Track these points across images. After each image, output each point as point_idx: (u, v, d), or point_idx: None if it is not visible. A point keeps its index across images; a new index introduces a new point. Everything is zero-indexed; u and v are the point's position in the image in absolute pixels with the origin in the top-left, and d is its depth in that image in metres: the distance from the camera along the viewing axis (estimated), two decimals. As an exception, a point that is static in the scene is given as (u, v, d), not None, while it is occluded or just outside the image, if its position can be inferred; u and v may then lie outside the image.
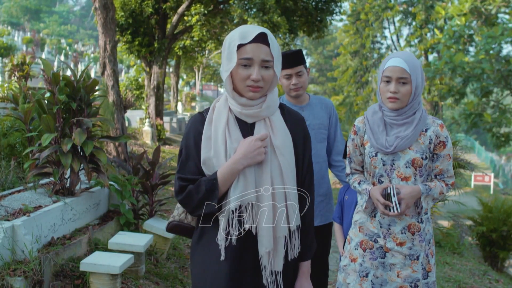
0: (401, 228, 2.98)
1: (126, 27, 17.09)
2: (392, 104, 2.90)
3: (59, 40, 63.67)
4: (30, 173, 4.86)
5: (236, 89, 2.21)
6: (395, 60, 2.89)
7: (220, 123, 2.19)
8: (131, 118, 18.85)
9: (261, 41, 2.16)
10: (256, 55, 2.14)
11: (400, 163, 2.94)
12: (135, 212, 5.72)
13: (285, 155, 2.21)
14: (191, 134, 2.26)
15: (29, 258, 3.92)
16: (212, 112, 2.25)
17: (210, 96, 58.10)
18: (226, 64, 2.17)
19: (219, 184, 2.15)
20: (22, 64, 11.93)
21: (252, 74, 2.14)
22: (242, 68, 2.14)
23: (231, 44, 2.16)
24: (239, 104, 2.20)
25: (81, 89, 5.09)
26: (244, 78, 2.15)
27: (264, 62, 2.15)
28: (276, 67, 2.19)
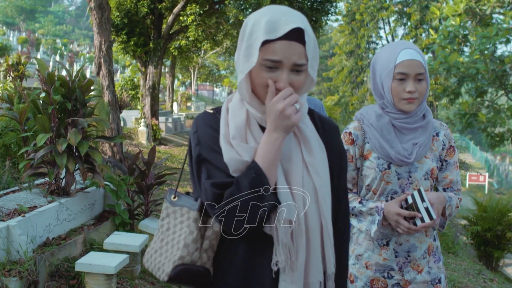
0: (422, 253, 2.49)
1: (121, 27, 17.07)
2: (410, 105, 2.42)
3: (54, 40, 63.55)
4: (25, 173, 4.86)
5: (256, 93, 1.69)
6: (409, 53, 2.41)
7: (238, 124, 1.68)
8: (127, 118, 18.82)
9: (295, 38, 1.60)
10: (287, 57, 1.59)
11: (418, 175, 2.48)
12: (130, 212, 5.72)
13: (321, 174, 1.70)
14: (207, 136, 1.72)
15: (24, 258, 3.92)
16: (226, 114, 1.73)
17: (205, 96, 58.07)
18: (244, 62, 1.63)
19: (262, 168, 1.60)
20: (17, 64, 11.92)
21: (278, 80, 1.61)
22: (266, 70, 1.62)
23: (253, 37, 1.61)
24: (259, 111, 1.70)
25: (76, 89, 5.09)
26: (267, 83, 1.63)
27: (296, 66, 1.61)
28: (311, 69, 1.66)
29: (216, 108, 1.82)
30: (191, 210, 1.73)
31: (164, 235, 1.78)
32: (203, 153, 1.69)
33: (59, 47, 56.39)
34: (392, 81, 2.42)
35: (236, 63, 1.71)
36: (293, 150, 1.70)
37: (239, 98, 1.75)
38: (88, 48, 64.61)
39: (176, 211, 1.79)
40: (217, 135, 1.69)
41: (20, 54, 17.73)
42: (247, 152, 1.63)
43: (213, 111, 1.81)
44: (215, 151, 1.67)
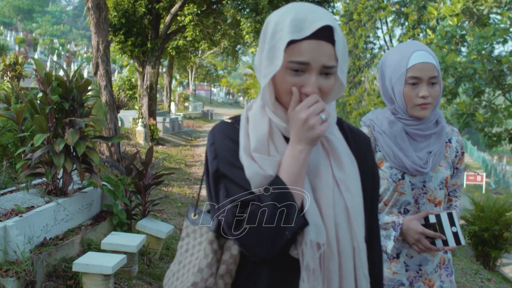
0: (434, 266, 2.36)
1: (119, 27, 17.07)
2: (424, 111, 2.27)
3: (52, 40, 63.53)
4: (22, 174, 4.86)
5: (280, 100, 1.50)
6: (422, 55, 2.26)
7: (260, 135, 1.50)
8: (124, 118, 18.81)
9: (324, 37, 1.42)
10: (316, 59, 1.42)
11: (433, 184, 2.34)
12: (128, 212, 5.72)
13: (353, 192, 1.51)
14: (225, 149, 1.54)
15: (22, 258, 3.92)
16: (247, 123, 1.55)
17: (203, 96, 58.11)
18: (267, 66, 1.45)
19: (287, 184, 1.43)
20: (15, 64, 11.90)
21: (305, 84, 1.43)
22: (291, 74, 1.43)
23: (276, 37, 1.44)
24: (284, 120, 1.51)
25: (74, 89, 5.08)
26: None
27: (325, 68, 1.43)
28: (341, 72, 1.48)
29: (234, 117, 1.64)
30: (210, 230, 1.57)
31: (182, 257, 1.63)
32: (221, 168, 1.51)
33: (56, 47, 56.36)
34: (404, 85, 2.27)
35: (257, 68, 1.54)
36: (321, 164, 1.51)
37: (260, 105, 1.56)
38: (85, 48, 64.59)
39: (196, 231, 1.63)
40: (237, 147, 1.51)
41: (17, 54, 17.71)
42: (270, 166, 1.46)
43: (231, 121, 1.61)
44: (234, 166, 1.50)
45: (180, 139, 20.43)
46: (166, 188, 10.21)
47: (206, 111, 37.02)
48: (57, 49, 53.64)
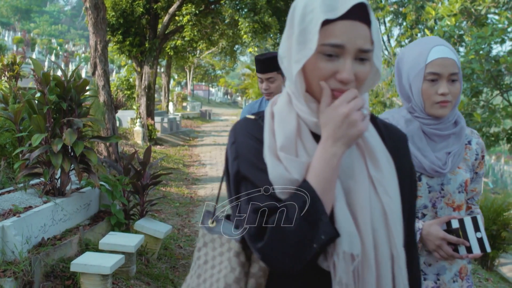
0: (452, 275, 2.22)
1: (117, 27, 17.05)
2: (443, 110, 2.14)
3: (50, 40, 63.50)
4: (20, 174, 4.85)
5: (311, 91, 1.35)
6: (442, 50, 2.13)
7: (287, 132, 1.35)
8: (122, 118, 18.79)
9: (358, 17, 1.29)
10: (351, 41, 1.28)
11: (451, 187, 2.20)
12: (126, 212, 5.72)
13: (391, 194, 1.37)
14: (247, 148, 1.39)
15: (19, 259, 3.91)
16: (272, 120, 1.40)
17: (201, 96, 58.10)
18: (298, 50, 1.31)
19: (316, 190, 1.27)
20: (13, 64, 11.88)
21: (340, 70, 1.29)
22: (324, 60, 1.29)
23: (307, 19, 1.30)
24: (315, 114, 1.36)
25: (72, 89, 5.08)
26: (326, 75, 1.30)
27: (360, 52, 1.29)
28: (376, 58, 1.34)
29: (258, 113, 1.50)
30: (233, 240, 1.41)
31: (201, 269, 1.47)
32: (242, 169, 1.36)
33: (54, 47, 56.34)
34: (423, 82, 2.14)
35: (284, 56, 1.39)
36: (356, 163, 1.36)
37: (286, 100, 1.42)
38: (83, 48, 64.60)
39: (214, 240, 1.47)
40: (260, 146, 1.36)
41: (15, 54, 17.69)
42: (297, 168, 1.30)
43: (254, 117, 1.48)
44: (257, 168, 1.35)
45: (178, 139, 20.42)
46: (164, 188, 10.21)
47: (204, 111, 37.00)
48: (55, 49, 53.61)
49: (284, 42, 1.39)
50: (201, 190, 10.71)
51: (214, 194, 10.22)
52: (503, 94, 11.09)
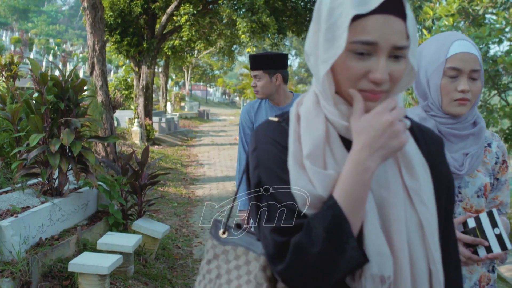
0: (472, 285, 2.08)
1: (115, 27, 17.04)
2: (462, 108, 1.99)
3: (48, 40, 63.46)
4: (18, 174, 4.84)
5: (340, 92, 1.22)
6: (464, 45, 1.98)
7: (315, 138, 1.21)
8: (120, 118, 18.78)
9: (392, 10, 1.15)
10: (385, 37, 1.14)
11: (469, 191, 2.07)
12: (123, 212, 5.71)
13: (427, 204, 1.23)
14: (269, 156, 1.26)
15: (17, 259, 3.91)
16: (297, 123, 1.26)
17: (199, 96, 58.12)
18: (326, 49, 1.18)
19: (343, 210, 1.13)
20: (10, 64, 11.85)
21: (373, 70, 1.16)
22: (355, 58, 1.16)
23: (335, 14, 1.17)
24: (345, 118, 1.22)
25: (70, 89, 5.08)
26: (357, 76, 1.17)
27: (395, 49, 1.16)
28: (412, 55, 1.21)
29: (282, 115, 1.35)
30: (250, 251, 1.30)
31: (214, 284, 1.34)
32: (264, 180, 1.23)
33: (52, 47, 56.29)
34: (442, 77, 2.00)
35: (311, 54, 1.26)
36: (389, 171, 1.23)
37: (313, 101, 1.27)
38: (81, 48, 64.54)
39: (227, 252, 1.35)
40: (284, 154, 1.23)
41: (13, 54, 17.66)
42: (323, 182, 1.16)
43: (278, 119, 1.33)
44: (280, 179, 1.21)
45: (176, 139, 20.41)
46: (162, 188, 10.20)
47: (202, 111, 36.98)
48: (53, 49, 53.57)
49: (310, 38, 1.26)
50: (199, 190, 10.71)
51: (212, 194, 10.22)
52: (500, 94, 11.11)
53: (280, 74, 3.67)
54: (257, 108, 3.83)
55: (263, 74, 3.67)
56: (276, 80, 3.66)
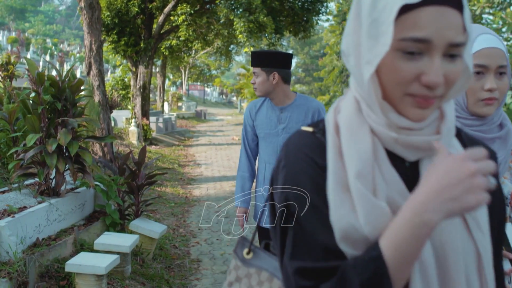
0: None
1: (112, 27, 17.03)
2: (489, 108, 1.82)
3: (45, 40, 63.40)
4: (14, 174, 4.84)
5: (387, 97, 1.03)
6: (489, 39, 1.80)
7: (361, 154, 1.01)
8: (117, 118, 18.76)
9: (447, 0, 0.97)
10: (440, 33, 0.96)
11: None
12: (121, 212, 5.71)
13: (483, 228, 1.06)
14: (301, 176, 1.05)
15: (14, 259, 3.90)
16: (336, 135, 1.05)
17: (196, 96, 58.12)
18: (370, 47, 1.00)
19: (388, 266, 0.93)
20: (7, 64, 11.83)
21: (426, 71, 0.97)
22: (404, 59, 0.98)
23: (379, 6, 0.98)
24: (393, 128, 1.03)
25: (67, 89, 5.07)
26: (408, 79, 0.98)
27: (451, 47, 0.97)
28: (467, 54, 1.03)
29: (316, 124, 1.14)
30: (275, 277, 1.18)
31: None
32: (292, 205, 1.03)
33: (49, 46, 56.25)
34: None
35: (348, 54, 1.08)
36: None
37: (354, 108, 1.07)
38: (78, 48, 64.51)
39: (251, 276, 1.23)
40: (320, 174, 1.03)
41: (9, 53, 17.64)
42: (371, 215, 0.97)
43: (312, 129, 1.12)
44: (313, 205, 1.01)
45: (174, 139, 20.40)
46: (159, 188, 10.20)
47: (199, 111, 36.98)
48: (50, 48, 53.54)
49: (349, 36, 1.08)
50: (196, 190, 10.70)
51: (209, 194, 10.22)
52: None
53: (277, 73, 3.64)
54: (259, 106, 3.81)
55: (261, 72, 3.66)
56: (274, 78, 3.64)
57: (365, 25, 1.01)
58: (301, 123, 3.64)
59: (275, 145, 3.64)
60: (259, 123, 3.72)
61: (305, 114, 3.66)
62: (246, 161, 3.85)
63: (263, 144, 3.72)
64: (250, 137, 3.83)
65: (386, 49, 0.96)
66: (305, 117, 3.65)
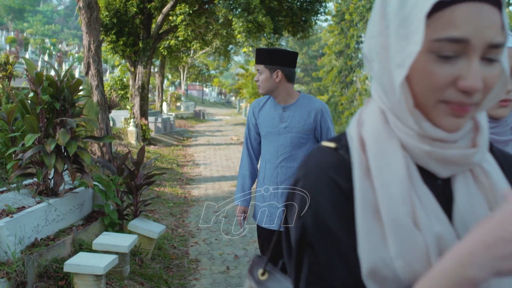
0: None
1: (110, 27, 17.02)
2: (503, 110, 1.76)
3: (43, 40, 63.37)
4: (13, 174, 4.83)
5: (417, 105, 0.92)
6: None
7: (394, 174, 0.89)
8: (116, 118, 18.75)
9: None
10: (478, 32, 0.86)
11: None
12: (119, 212, 5.70)
13: None
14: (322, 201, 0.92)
15: (12, 259, 3.90)
16: (362, 152, 0.93)
17: (195, 96, 58.11)
18: (400, 48, 0.90)
19: None
20: (5, 64, 11.84)
21: (463, 76, 0.87)
22: (440, 62, 0.87)
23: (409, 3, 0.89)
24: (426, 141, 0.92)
25: (65, 89, 5.07)
26: (442, 84, 0.88)
27: (490, 49, 0.87)
28: (503, 56, 0.92)
29: (338, 139, 1.02)
30: None
31: None
32: (310, 234, 0.91)
33: (47, 46, 56.22)
34: None
35: (371, 59, 0.98)
36: (478, 211, 0.93)
37: (380, 120, 0.96)
38: (77, 48, 64.48)
39: None
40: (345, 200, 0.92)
41: (8, 53, 17.63)
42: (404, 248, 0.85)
43: (335, 145, 1.00)
44: (333, 235, 0.90)
45: (172, 139, 20.39)
46: (158, 188, 10.19)
47: (198, 111, 36.97)
48: (48, 48, 53.50)
49: (373, 39, 0.97)
50: (195, 190, 10.70)
51: (208, 194, 10.21)
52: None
53: (280, 71, 3.62)
54: (262, 105, 3.79)
55: (264, 69, 3.64)
56: (277, 76, 3.62)
57: (393, 25, 0.91)
58: (303, 123, 3.62)
59: (276, 144, 3.62)
60: (262, 121, 3.70)
61: (307, 114, 3.63)
62: (247, 159, 3.84)
63: (264, 142, 3.71)
64: (253, 136, 3.81)
65: (417, 49, 0.86)
66: (308, 117, 3.62)
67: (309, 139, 3.67)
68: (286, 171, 3.58)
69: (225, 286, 5.32)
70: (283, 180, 3.59)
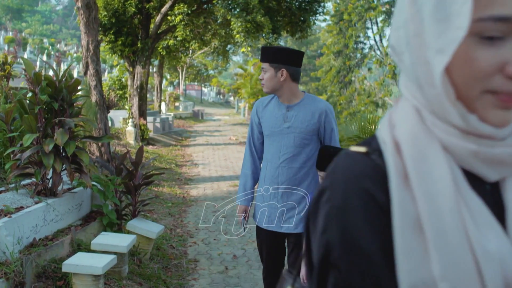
0: None
1: (109, 27, 17.01)
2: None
3: (42, 40, 63.30)
4: (11, 174, 4.83)
5: (460, 97, 0.80)
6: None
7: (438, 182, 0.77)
8: (114, 118, 18.75)
9: None
10: None
11: None
12: (118, 212, 5.70)
13: None
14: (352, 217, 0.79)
15: (11, 259, 3.89)
16: (399, 157, 0.81)
17: (193, 96, 58.09)
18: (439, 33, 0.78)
19: None
20: (4, 63, 11.82)
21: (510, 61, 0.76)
22: (484, 45, 0.76)
23: None
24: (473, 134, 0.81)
25: (63, 89, 5.06)
26: (488, 70, 0.77)
27: None
28: None
29: (368, 143, 0.89)
30: None
31: None
32: (335, 254, 0.80)
33: (46, 46, 56.17)
34: None
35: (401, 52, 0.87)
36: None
37: (415, 120, 0.84)
38: (75, 48, 64.42)
39: None
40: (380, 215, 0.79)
41: (6, 53, 17.61)
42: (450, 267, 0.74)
43: (366, 149, 0.87)
44: (364, 255, 0.78)
45: (171, 139, 20.37)
46: (157, 188, 10.19)
47: (196, 111, 36.93)
48: (47, 48, 53.46)
49: (399, 30, 0.85)
50: (194, 190, 10.70)
51: (206, 194, 10.21)
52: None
53: (285, 70, 3.60)
54: (266, 103, 3.77)
55: (269, 67, 3.63)
56: (282, 75, 3.60)
57: (427, 7, 0.79)
58: (307, 123, 3.59)
59: (279, 144, 3.59)
60: (265, 120, 3.67)
61: (311, 115, 3.60)
62: (249, 159, 3.82)
63: (267, 142, 3.68)
64: (256, 135, 3.79)
65: (462, 34, 0.75)
66: (312, 117, 3.59)
67: (312, 140, 3.63)
68: (288, 171, 3.57)
69: (224, 286, 5.32)
70: (284, 181, 3.57)
